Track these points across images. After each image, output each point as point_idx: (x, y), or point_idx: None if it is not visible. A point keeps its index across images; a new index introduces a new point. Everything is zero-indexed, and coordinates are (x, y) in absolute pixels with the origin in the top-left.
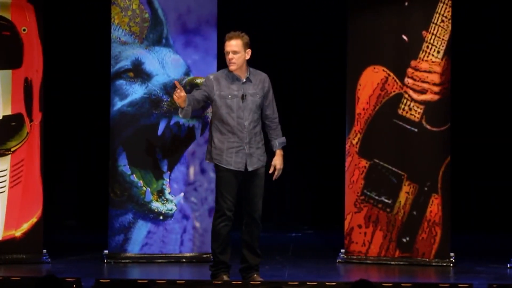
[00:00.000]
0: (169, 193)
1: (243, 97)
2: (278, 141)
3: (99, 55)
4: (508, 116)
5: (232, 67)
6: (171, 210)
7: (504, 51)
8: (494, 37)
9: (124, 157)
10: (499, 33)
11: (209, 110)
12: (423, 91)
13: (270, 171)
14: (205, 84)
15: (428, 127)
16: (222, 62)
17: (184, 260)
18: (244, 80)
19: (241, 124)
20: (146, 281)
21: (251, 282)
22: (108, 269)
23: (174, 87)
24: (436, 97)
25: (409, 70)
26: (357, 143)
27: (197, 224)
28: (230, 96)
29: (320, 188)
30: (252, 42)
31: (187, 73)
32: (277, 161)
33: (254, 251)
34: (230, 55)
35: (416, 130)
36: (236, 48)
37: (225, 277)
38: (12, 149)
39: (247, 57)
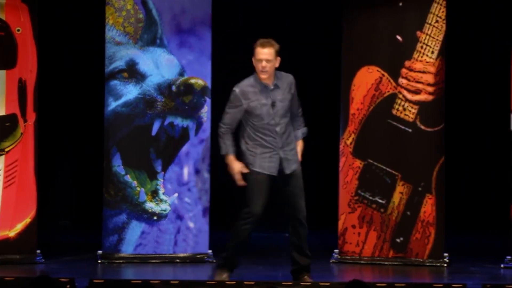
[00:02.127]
0: (163, 194)
1: (273, 104)
2: (301, 131)
3: (93, 56)
4: (500, 118)
5: (264, 76)
6: (165, 210)
7: (497, 52)
8: (489, 37)
9: (118, 157)
10: (493, 34)
11: (203, 110)
12: (417, 92)
13: None
14: (232, 101)
15: (422, 127)
16: (216, 63)
17: (178, 260)
18: (272, 87)
19: (272, 130)
20: (140, 281)
21: (245, 282)
22: (102, 269)
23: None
24: (430, 97)
25: (403, 71)
26: (351, 143)
27: (191, 225)
28: (259, 106)
29: (314, 188)
30: (246, 42)
31: (181, 74)
32: (299, 152)
33: (304, 253)
34: (264, 63)
35: (410, 130)
36: (270, 57)
37: (225, 276)
38: (6, 150)
39: (277, 65)
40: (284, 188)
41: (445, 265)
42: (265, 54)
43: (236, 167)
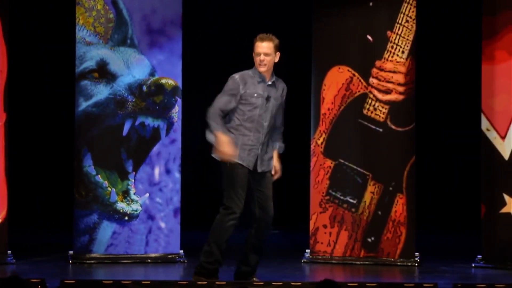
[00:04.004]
0: (134, 194)
1: (268, 98)
2: (279, 144)
3: (64, 56)
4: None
5: (262, 69)
6: (136, 210)
7: (467, 51)
8: (459, 37)
9: (89, 157)
10: (463, 33)
11: (174, 110)
12: (388, 91)
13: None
14: (231, 87)
15: (393, 127)
16: (187, 63)
17: (149, 260)
18: (270, 83)
19: (260, 123)
20: (111, 281)
21: (217, 283)
22: (73, 269)
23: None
24: (400, 97)
25: (374, 70)
26: (322, 143)
27: (162, 225)
28: (255, 95)
29: (285, 188)
30: (216, 41)
31: (152, 74)
32: (277, 163)
33: (259, 254)
34: (262, 57)
35: (381, 130)
36: (268, 50)
37: (214, 278)
38: None
39: (276, 60)
40: (255, 188)
41: (416, 264)
42: (264, 48)
43: (233, 149)
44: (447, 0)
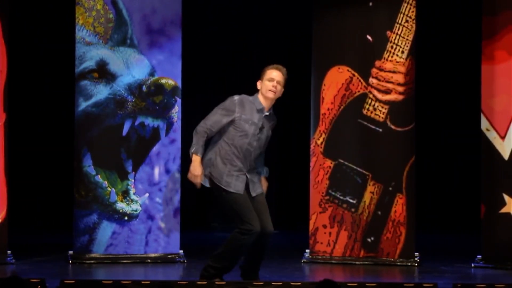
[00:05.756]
0: (134, 194)
1: (261, 129)
2: (265, 169)
3: (64, 56)
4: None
5: (270, 95)
6: (136, 210)
7: (467, 51)
8: (459, 37)
9: (89, 157)
10: (463, 33)
11: (174, 110)
12: (387, 91)
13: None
14: (227, 107)
15: (393, 127)
16: (187, 63)
17: (149, 260)
18: (267, 114)
19: (248, 152)
20: (111, 281)
21: (217, 283)
22: (73, 269)
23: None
24: (400, 97)
25: (374, 70)
26: (322, 143)
27: (162, 225)
28: (250, 122)
29: (285, 188)
30: (216, 41)
31: (151, 74)
32: (265, 187)
33: (258, 269)
34: (275, 83)
35: (380, 130)
36: (281, 80)
37: (218, 279)
38: None
39: (279, 95)
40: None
41: (416, 264)
42: (279, 76)
43: (200, 171)
44: (447, 0)
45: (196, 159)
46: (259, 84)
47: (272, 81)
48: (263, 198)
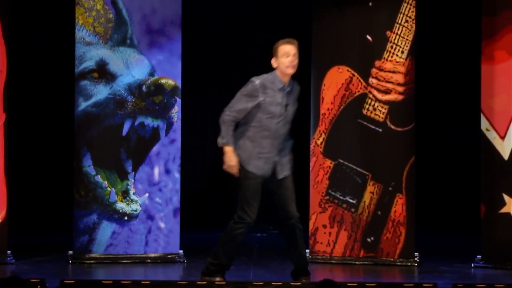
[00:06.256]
0: (133, 194)
1: (286, 106)
2: (290, 142)
3: (63, 56)
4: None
5: (290, 71)
6: (135, 210)
7: (467, 51)
8: (459, 37)
9: (89, 157)
10: (463, 33)
11: (174, 110)
12: (387, 91)
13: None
14: (250, 91)
15: (393, 127)
16: (186, 63)
17: (149, 260)
18: (288, 90)
19: (277, 133)
20: (111, 281)
21: (217, 283)
22: (73, 269)
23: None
24: (400, 97)
25: (374, 70)
26: (321, 143)
27: (162, 225)
28: (275, 104)
29: None
30: (216, 41)
31: (151, 74)
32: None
33: (301, 254)
34: (292, 58)
35: (380, 130)
36: (297, 52)
37: (219, 278)
38: None
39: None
40: (276, 191)
41: (416, 264)
42: (293, 49)
43: (236, 160)
44: (447, 0)
45: (229, 150)
46: (274, 62)
47: (288, 56)
48: (289, 182)
